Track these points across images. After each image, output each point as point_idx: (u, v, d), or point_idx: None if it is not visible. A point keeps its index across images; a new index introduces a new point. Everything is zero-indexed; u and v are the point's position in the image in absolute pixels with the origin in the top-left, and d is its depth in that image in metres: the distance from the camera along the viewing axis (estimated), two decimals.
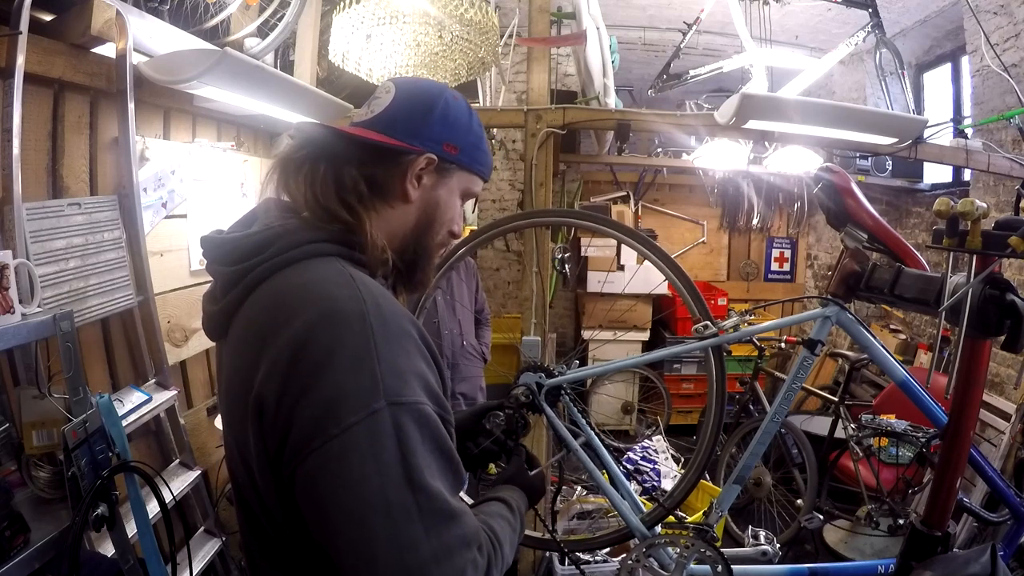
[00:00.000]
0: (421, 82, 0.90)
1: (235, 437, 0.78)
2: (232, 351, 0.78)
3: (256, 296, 0.77)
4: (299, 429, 0.67)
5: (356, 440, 0.66)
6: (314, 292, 0.73)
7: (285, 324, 0.70)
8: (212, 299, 0.83)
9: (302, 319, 0.70)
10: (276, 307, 0.74)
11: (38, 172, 1.56)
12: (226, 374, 0.80)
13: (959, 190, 3.75)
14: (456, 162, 0.87)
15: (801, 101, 2.56)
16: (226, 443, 0.85)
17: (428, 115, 0.84)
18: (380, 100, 0.85)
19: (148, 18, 1.72)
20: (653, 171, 5.20)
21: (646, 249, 1.76)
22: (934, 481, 1.51)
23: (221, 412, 0.86)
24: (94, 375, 1.70)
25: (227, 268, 0.79)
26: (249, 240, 0.80)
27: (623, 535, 1.82)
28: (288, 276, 0.76)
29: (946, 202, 1.32)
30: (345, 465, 0.65)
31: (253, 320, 0.76)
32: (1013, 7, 2.98)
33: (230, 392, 0.79)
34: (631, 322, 4.38)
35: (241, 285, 0.77)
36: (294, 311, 0.71)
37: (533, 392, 1.71)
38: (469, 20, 1.91)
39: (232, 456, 0.81)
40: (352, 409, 0.66)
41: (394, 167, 0.83)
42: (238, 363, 0.76)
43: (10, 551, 1.15)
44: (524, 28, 2.76)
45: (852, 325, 1.65)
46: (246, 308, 0.77)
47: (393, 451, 0.67)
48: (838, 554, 2.92)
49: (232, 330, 0.79)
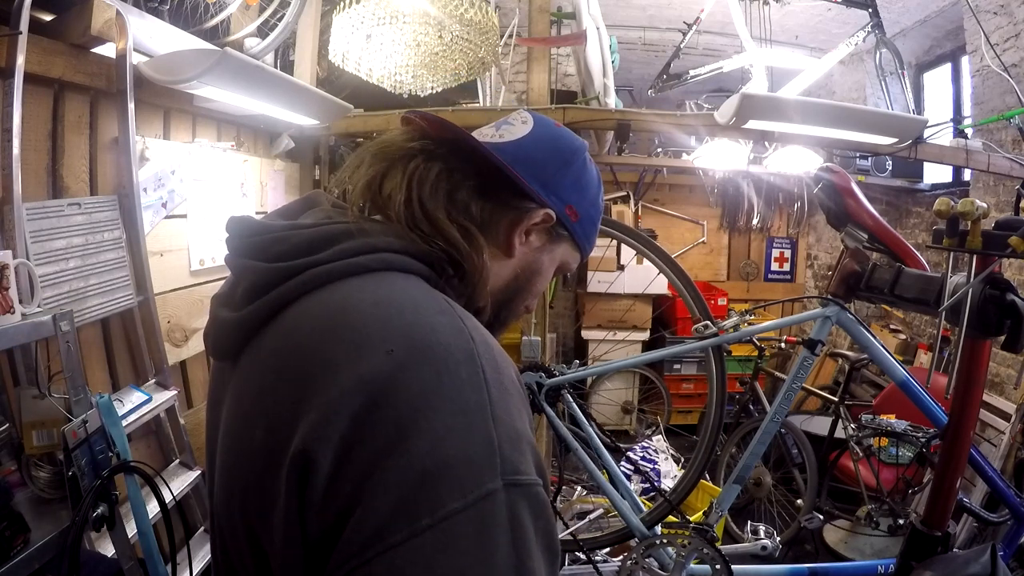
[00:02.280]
0: (562, 129, 0.76)
1: (241, 506, 0.55)
2: (250, 381, 0.57)
3: (301, 308, 0.56)
4: (370, 512, 0.45)
5: (458, 535, 0.45)
6: (400, 316, 0.53)
7: (354, 356, 0.50)
8: (228, 303, 0.62)
9: (383, 352, 0.49)
10: (337, 328, 0.53)
11: (38, 172, 1.55)
12: (234, 412, 0.59)
13: (959, 190, 3.75)
14: (571, 230, 0.73)
15: (801, 101, 2.56)
16: (217, 512, 0.62)
17: (565, 167, 0.71)
18: (513, 128, 0.72)
19: (148, 18, 1.72)
20: (653, 171, 5.20)
21: (646, 249, 1.76)
22: (934, 481, 1.51)
23: (218, 466, 0.61)
24: (94, 375, 1.70)
25: (262, 264, 0.59)
26: (302, 233, 0.60)
27: (623, 535, 1.82)
28: (355, 288, 0.56)
29: (946, 202, 1.32)
30: (440, 570, 0.44)
31: (295, 343, 0.55)
32: (1013, 7, 2.98)
33: (242, 439, 0.56)
34: (631, 322, 4.39)
35: (281, 289, 0.57)
36: (368, 339, 0.51)
37: (533, 392, 1.71)
38: (469, 20, 1.91)
39: (230, 533, 0.58)
40: (458, 488, 0.46)
41: (510, 210, 0.68)
42: (262, 402, 0.54)
43: (10, 551, 1.14)
44: (524, 28, 2.76)
45: (852, 325, 1.65)
46: (284, 323, 0.57)
47: (507, 553, 0.46)
48: (838, 554, 2.92)
49: (253, 351, 0.58)
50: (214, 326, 0.64)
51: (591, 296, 4.52)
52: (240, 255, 0.62)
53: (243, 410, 0.57)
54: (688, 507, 2.21)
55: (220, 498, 0.60)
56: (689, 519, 1.74)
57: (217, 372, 0.68)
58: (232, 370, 0.61)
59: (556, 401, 1.74)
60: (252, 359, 0.59)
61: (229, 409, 0.60)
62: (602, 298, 4.44)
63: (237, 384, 0.60)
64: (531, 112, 0.75)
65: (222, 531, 0.61)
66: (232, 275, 0.64)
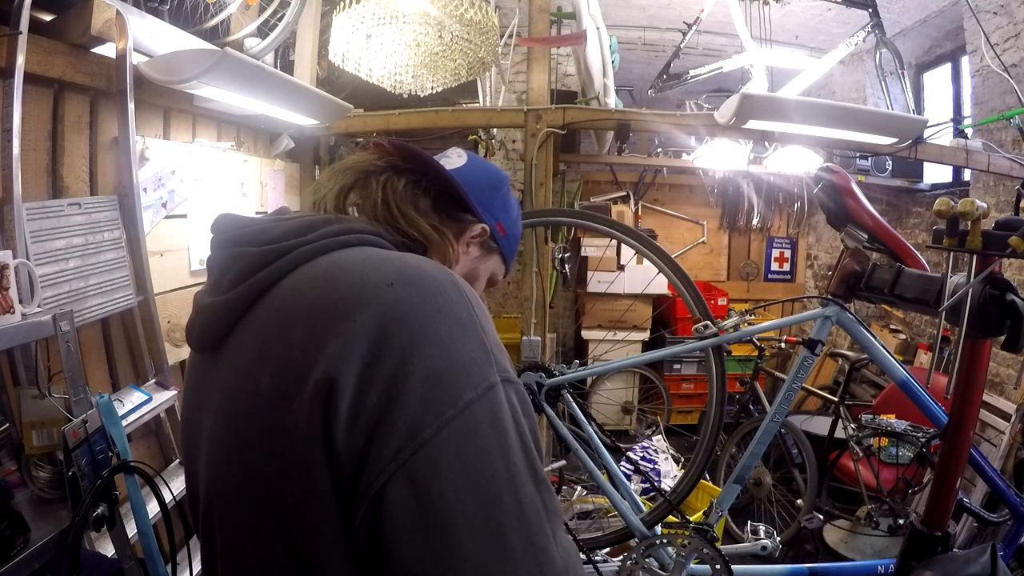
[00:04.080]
0: (488, 163, 0.91)
1: (258, 464, 0.58)
2: (245, 348, 0.62)
3: (294, 279, 0.62)
4: (400, 415, 0.51)
5: (477, 422, 0.53)
6: (389, 263, 0.61)
7: (358, 295, 0.56)
8: (214, 291, 0.67)
9: (384, 286, 0.57)
10: (336, 281, 0.59)
11: (38, 172, 1.55)
12: (234, 382, 0.62)
13: (959, 190, 3.75)
14: (500, 245, 0.86)
15: (801, 101, 2.56)
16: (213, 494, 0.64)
17: (495, 191, 0.85)
18: (451, 160, 0.83)
19: (148, 18, 1.72)
20: (653, 171, 5.20)
21: (646, 249, 1.76)
22: (934, 481, 1.51)
23: (213, 445, 0.64)
24: (94, 375, 1.70)
25: (252, 248, 0.65)
26: (287, 222, 0.67)
27: (623, 535, 1.82)
28: (343, 255, 0.63)
29: (946, 202, 1.33)
30: (468, 454, 0.52)
31: (295, 302, 0.60)
32: (1013, 7, 2.98)
33: (243, 395, 0.60)
34: (631, 322, 4.39)
35: (271, 268, 0.63)
36: (368, 280, 0.58)
37: (533, 392, 1.71)
38: (469, 20, 1.91)
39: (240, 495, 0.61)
40: (469, 382, 0.54)
41: (456, 222, 0.79)
42: (266, 354, 0.59)
43: (10, 551, 1.14)
44: (524, 28, 2.76)
45: (852, 325, 1.65)
46: (278, 293, 0.62)
47: (514, 435, 0.55)
48: (838, 554, 2.92)
49: (245, 327, 0.63)
50: (199, 315, 0.69)
51: (591, 296, 4.52)
52: (229, 246, 0.68)
53: (241, 373, 0.61)
54: (688, 507, 2.21)
55: (221, 475, 0.63)
56: (689, 519, 1.74)
57: (196, 371, 0.71)
58: (213, 363, 0.66)
59: (556, 401, 1.74)
60: (244, 334, 0.63)
61: (221, 390, 0.64)
62: (602, 298, 4.44)
63: (226, 365, 0.64)
64: (463, 149, 0.88)
65: (224, 519, 0.63)
66: (217, 267, 0.68)
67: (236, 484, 0.61)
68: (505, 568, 0.51)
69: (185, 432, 0.73)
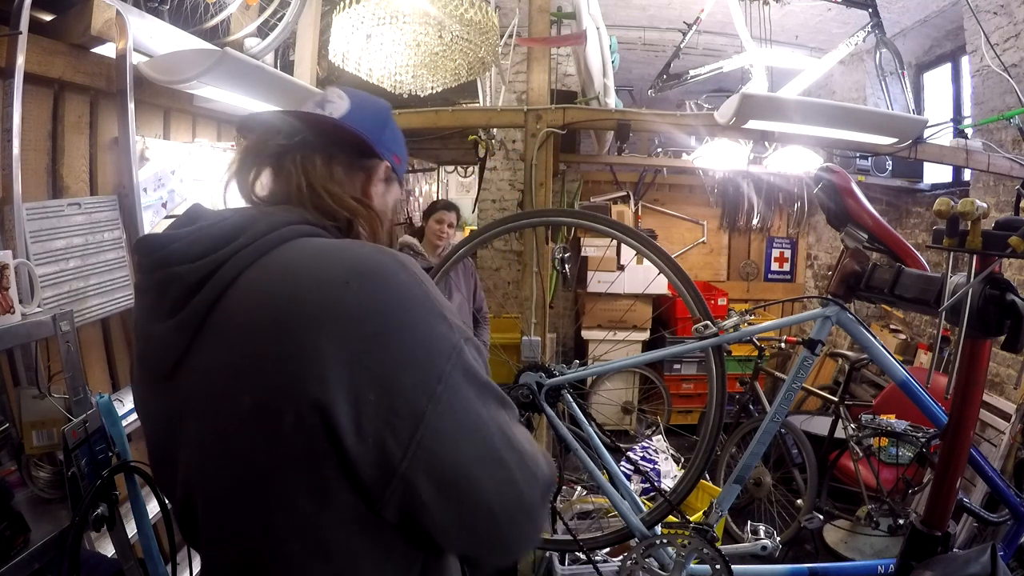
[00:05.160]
0: (367, 94, 0.87)
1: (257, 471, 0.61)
2: (215, 370, 0.63)
3: (242, 289, 0.63)
4: (404, 409, 0.59)
5: (457, 383, 0.62)
6: (335, 258, 0.63)
7: (323, 306, 0.59)
8: (158, 316, 0.66)
9: (341, 284, 0.60)
10: (290, 287, 0.61)
11: (38, 172, 1.55)
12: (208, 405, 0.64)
13: (959, 190, 3.75)
14: (397, 173, 0.87)
15: (801, 101, 2.56)
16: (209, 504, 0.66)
17: (384, 126, 0.85)
18: (336, 104, 0.81)
19: (148, 18, 1.72)
20: (653, 171, 5.20)
21: (646, 249, 1.76)
22: (934, 481, 1.51)
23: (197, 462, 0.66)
24: (94, 375, 1.70)
25: (186, 266, 0.64)
26: (211, 229, 0.66)
27: (623, 535, 1.82)
28: (285, 255, 0.65)
29: (946, 202, 1.32)
30: (460, 411, 0.62)
31: (251, 315, 0.62)
32: (1013, 7, 2.98)
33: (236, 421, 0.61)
34: (631, 322, 4.39)
35: (215, 280, 0.63)
36: (325, 284, 0.60)
37: (533, 392, 1.71)
38: (469, 20, 1.91)
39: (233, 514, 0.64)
40: (443, 354, 0.62)
41: (362, 170, 0.81)
42: (240, 378, 0.61)
43: (10, 551, 1.14)
44: (524, 28, 2.76)
45: (852, 325, 1.65)
46: (227, 306, 0.63)
47: (483, 382, 0.66)
48: (838, 554, 2.92)
49: (202, 350, 0.64)
50: (149, 344, 0.69)
51: (591, 296, 4.52)
52: (159, 266, 0.66)
53: (215, 395, 0.63)
54: (688, 507, 2.21)
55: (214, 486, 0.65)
56: (689, 519, 1.74)
57: (153, 400, 0.72)
58: (172, 389, 0.67)
59: (556, 401, 1.74)
60: (204, 355, 0.64)
61: (192, 413, 0.65)
62: (602, 298, 4.44)
63: (191, 389, 0.65)
64: (339, 86, 0.86)
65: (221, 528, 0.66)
66: (154, 290, 0.67)
67: (230, 487, 0.64)
68: (512, 480, 0.64)
69: (158, 450, 0.74)
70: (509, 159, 5.10)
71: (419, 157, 6.79)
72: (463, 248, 1.97)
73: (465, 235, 2.14)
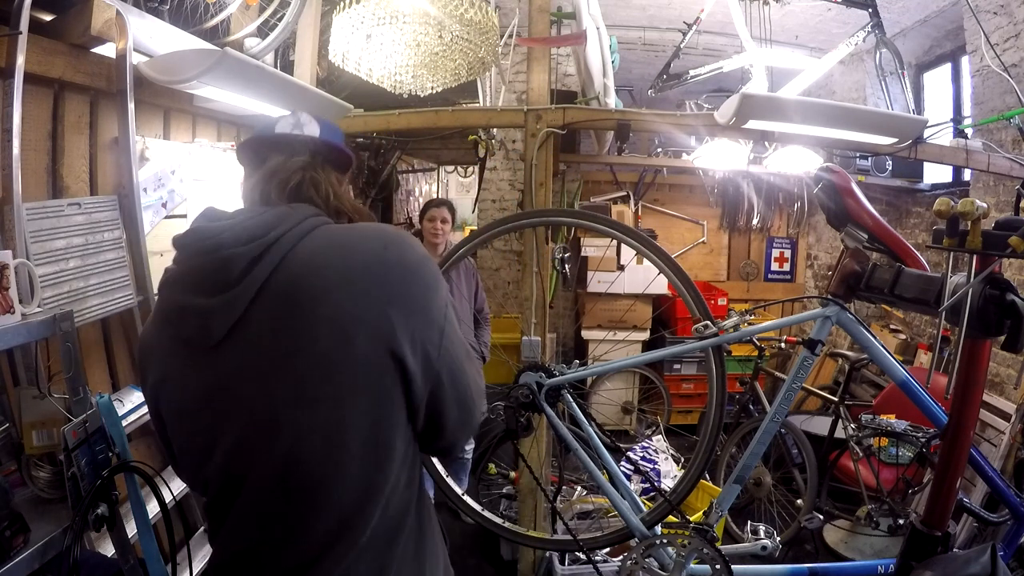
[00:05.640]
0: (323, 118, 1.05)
1: (328, 414, 0.80)
2: (277, 326, 0.80)
3: (295, 262, 0.81)
4: (435, 337, 0.86)
5: (449, 318, 0.89)
6: (368, 232, 0.88)
7: (377, 264, 0.83)
8: (205, 291, 0.81)
9: (381, 247, 0.85)
10: (345, 255, 0.83)
11: (38, 172, 1.55)
12: (279, 364, 0.80)
13: (959, 190, 3.75)
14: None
15: (801, 101, 2.56)
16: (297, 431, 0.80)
17: (340, 134, 1.05)
18: (311, 126, 0.99)
19: (148, 18, 1.72)
20: (653, 171, 5.20)
21: (646, 249, 1.76)
22: (934, 481, 1.51)
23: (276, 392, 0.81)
24: (94, 375, 1.70)
25: (240, 248, 0.80)
26: (253, 220, 0.84)
27: (623, 535, 1.82)
28: (321, 235, 0.85)
29: (946, 202, 1.33)
30: (452, 333, 0.90)
31: (312, 279, 0.80)
32: (1013, 7, 2.98)
33: (312, 352, 0.79)
34: (631, 322, 4.39)
35: (266, 259, 0.80)
36: (371, 251, 0.84)
37: (533, 392, 1.71)
38: (469, 20, 1.91)
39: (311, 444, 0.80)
40: (444, 301, 0.89)
41: (345, 177, 1.04)
42: (316, 322, 0.79)
43: (10, 551, 1.14)
44: (524, 28, 2.76)
45: (852, 325, 1.65)
46: (282, 279, 0.80)
47: (454, 312, 0.93)
48: (838, 554, 2.92)
49: (260, 312, 0.80)
50: (193, 318, 0.82)
51: (591, 296, 4.52)
52: (215, 250, 0.81)
53: (280, 339, 0.80)
54: (688, 507, 2.21)
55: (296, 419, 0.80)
56: (689, 519, 1.74)
57: (194, 372, 0.85)
58: (217, 355, 0.82)
59: (556, 401, 1.74)
60: (260, 315, 0.80)
61: (249, 367, 0.81)
62: (602, 298, 4.44)
63: (244, 348, 0.81)
64: (300, 112, 1.02)
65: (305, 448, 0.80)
66: (202, 271, 0.83)
67: (308, 418, 0.80)
68: (479, 371, 0.97)
69: (195, 420, 0.86)
70: (509, 159, 5.10)
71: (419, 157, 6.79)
72: (463, 248, 1.97)
73: (465, 235, 2.14)
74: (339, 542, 0.82)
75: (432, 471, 1.97)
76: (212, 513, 0.90)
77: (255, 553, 0.85)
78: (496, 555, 2.91)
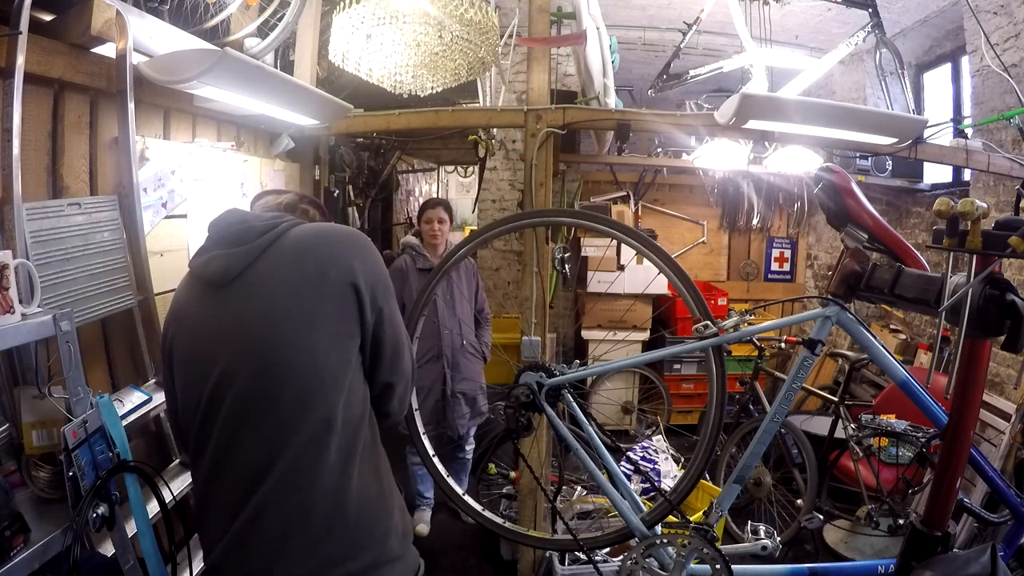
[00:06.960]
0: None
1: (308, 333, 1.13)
2: (281, 266, 1.15)
3: (288, 238, 1.18)
4: (381, 294, 1.21)
5: (390, 289, 1.25)
6: (337, 226, 1.28)
7: (347, 241, 1.21)
8: (229, 245, 1.17)
9: (350, 235, 1.24)
10: (324, 234, 1.22)
11: (38, 172, 1.55)
12: (275, 281, 1.15)
13: (959, 190, 3.75)
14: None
15: (801, 101, 2.56)
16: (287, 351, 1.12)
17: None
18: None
19: (148, 18, 1.72)
20: (653, 171, 5.21)
21: (646, 249, 1.76)
22: (934, 481, 1.51)
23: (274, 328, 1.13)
24: (94, 375, 1.70)
25: (260, 222, 1.19)
26: (264, 215, 1.25)
27: (623, 535, 1.82)
28: (307, 226, 1.24)
29: (946, 202, 1.33)
30: (392, 299, 1.25)
31: (303, 244, 1.18)
32: (1013, 7, 2.98)
33: (302, 279, 1.14)
34: (631, 322, 4.39)
35: (274, 231, 1.18)
36: (342, 232, 1.24)
37: (534, 392, 1.71)
38: (469, 20, 1.91)
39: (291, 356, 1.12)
40: (386, 274, 1.24)
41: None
42: (304, 262, 1.16)
43: (10, 551, 1.14)
44: (524, 28, 2.76)
45: (852, 325, 1.65)
46: (281, 245, 1.17)
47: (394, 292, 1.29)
48: (838, 554, 2.92)
49: (264, 263, 1.15)
50: (217, 259, 1.17)
51: (591, 296, 4.52)
52: (237, 224, 1.21)
53: (282, 275, 1.15)
54: (688, 507, 2.21)
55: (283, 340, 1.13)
56: (689, 519, 1.74)
57: (201, 303, 1.19)
58: (231, 291, 1.15)
59: (556, 401, 1.74)
60: (263, 265, 1.16)
61: (256, 297, 1.15)
62: (602, 298, 4.44)
63: (253, 284, 1.15)
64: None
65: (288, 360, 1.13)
66: (227, 232, 1.20)
67: (296, 325, 1.14)
68: (406, 333, 1.32)
69: (193, 345, 1.18)
70: (509, 159, 5.10)
71: (419, 157, 6.79)
72: (463, 248, 1.97)
73: (465, 235, 2.14)
74: (326, 431, 1.12)
75: (433, 471, 1.97)
76: (198, 435, 1.16)
77: (250, 454, 1.12)
78: (496, 555, 2.91)
